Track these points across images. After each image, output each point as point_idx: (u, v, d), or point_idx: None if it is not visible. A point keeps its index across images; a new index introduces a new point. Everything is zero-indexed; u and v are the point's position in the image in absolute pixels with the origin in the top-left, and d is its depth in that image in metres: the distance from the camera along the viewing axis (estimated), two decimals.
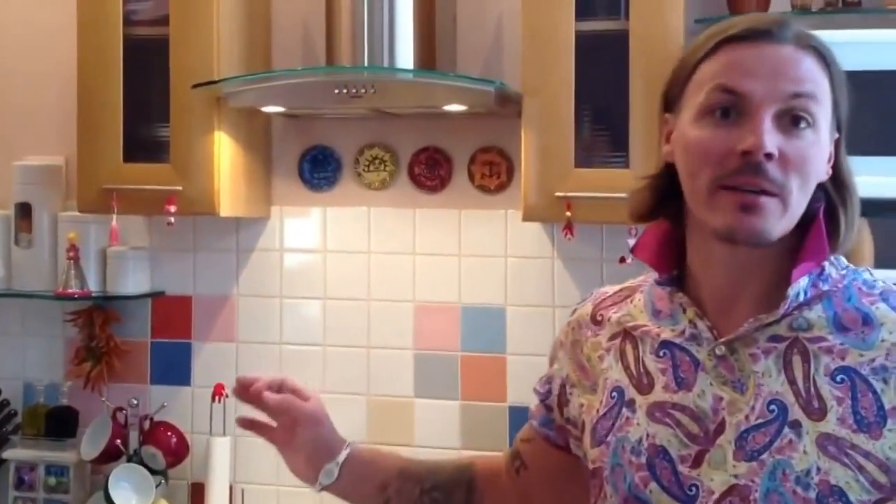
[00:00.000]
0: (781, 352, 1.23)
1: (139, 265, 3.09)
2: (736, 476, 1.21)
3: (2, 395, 3.15)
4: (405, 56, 2.73)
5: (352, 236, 3.03)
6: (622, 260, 2.57)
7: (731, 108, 1.21)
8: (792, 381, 1.21)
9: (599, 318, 1.42)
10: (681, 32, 2.50)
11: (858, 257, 2.34)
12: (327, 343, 3.04)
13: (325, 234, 3.05)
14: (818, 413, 1.19)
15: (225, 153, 2.80)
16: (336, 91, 2.58)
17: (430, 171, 2.96)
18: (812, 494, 1.17)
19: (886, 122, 2.20)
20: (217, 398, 3.01)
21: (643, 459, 1.28)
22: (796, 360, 1.22)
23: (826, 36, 2.19)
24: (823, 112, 1.22)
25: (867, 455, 1.16)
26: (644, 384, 1.32)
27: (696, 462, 1.24)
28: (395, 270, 2.99)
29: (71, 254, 2.99)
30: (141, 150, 2.84)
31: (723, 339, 1.26)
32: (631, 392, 1.33)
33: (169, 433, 3.01)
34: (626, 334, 1.37)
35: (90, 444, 2.99)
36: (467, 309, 2.95)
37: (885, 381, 1.18)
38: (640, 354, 1.34)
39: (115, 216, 2.84)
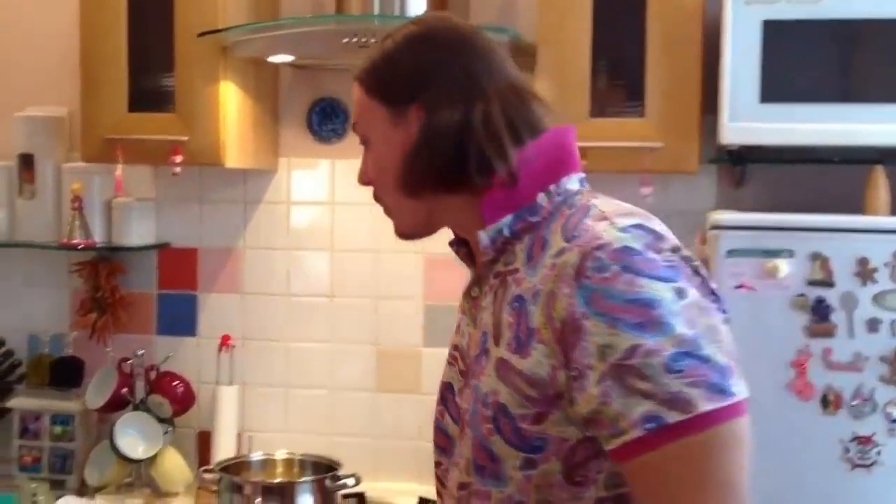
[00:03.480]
0: (496, 287, 1.35)
1: (144, 216, 3.07)
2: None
3: (6, 346, 3.14)
4: (417, 4, 2.68)
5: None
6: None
7: None
8: (494, 313, 1.33)
9: None
10: None
11: (875, 206, 2.41)
12: (335, 294, 3.04)
13: (334, 186, 3.03)
14: (499, 339, 1.30)
15: (231, 103, 2.76)
16: (345, 40, 2.50)
17: None
18: (489, 412, 1.28)
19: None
20: (223, 348, 3.02)
21: (439, 396, 1.48)
22: (500, 293, 1.33)
23: None
24: (375, 121, 1.42)
25: (519, 373, 1.25)
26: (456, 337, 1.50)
27: (461, 392, 1.41)
28: None
29: (75, 204, 2.97)
30: (146, 100, 2.79)
31: (469, 283, 1.43)
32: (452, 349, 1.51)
33: (175, 382, 3.00)
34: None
35: (95, 393, 2.98)
36: None
37: (535, 303, 1.25)
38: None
39: (119, 166, 2.81)
